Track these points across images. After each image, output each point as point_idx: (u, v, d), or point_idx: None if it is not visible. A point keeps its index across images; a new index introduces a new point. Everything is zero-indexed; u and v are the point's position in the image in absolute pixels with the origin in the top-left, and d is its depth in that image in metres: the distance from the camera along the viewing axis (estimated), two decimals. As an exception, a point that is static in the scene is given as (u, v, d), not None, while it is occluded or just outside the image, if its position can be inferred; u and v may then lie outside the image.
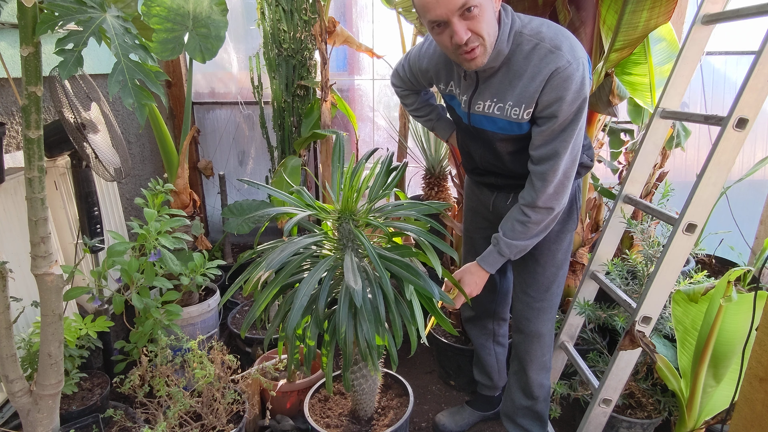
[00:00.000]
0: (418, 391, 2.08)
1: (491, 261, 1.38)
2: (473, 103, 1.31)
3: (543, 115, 1.21)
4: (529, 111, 1.22)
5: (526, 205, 1.30)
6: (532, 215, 1.29)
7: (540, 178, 1.26)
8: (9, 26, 1.60)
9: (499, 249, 1.35)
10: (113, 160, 1.61)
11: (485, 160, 1.44)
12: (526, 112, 1.22)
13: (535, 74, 1.17)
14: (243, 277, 1.29)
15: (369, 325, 1.20)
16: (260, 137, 2.94)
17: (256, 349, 2.10)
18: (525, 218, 1.30)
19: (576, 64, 1.15)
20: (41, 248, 1.07)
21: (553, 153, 1.23)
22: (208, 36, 2.06)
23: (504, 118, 1.26)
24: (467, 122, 1.37)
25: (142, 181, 2.55)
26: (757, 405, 0.79)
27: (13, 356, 1.15)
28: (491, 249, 1.37)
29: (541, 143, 1.24)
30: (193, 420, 1.54)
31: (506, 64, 1.22)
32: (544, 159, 1.24)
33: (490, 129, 1.31)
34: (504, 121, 1.27)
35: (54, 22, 0.93)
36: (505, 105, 1.24)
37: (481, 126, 1.33)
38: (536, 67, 1.17)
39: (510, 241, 1.33)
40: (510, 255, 1.35)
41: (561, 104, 1.17)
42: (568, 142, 1.22)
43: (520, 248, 1.34)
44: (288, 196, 1.38)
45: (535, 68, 1.17)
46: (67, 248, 1.78)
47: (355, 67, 2.89)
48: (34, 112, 0.98)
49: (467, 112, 1.34)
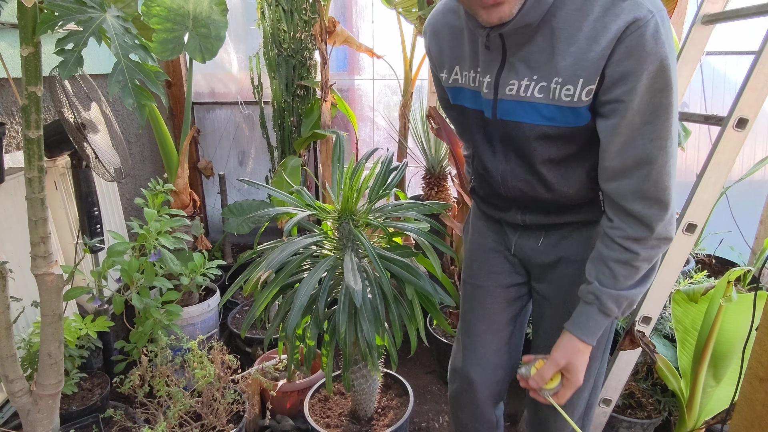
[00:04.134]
0: (418, 391, 2.08)
1: (592, 327, 0.94)
2: (502, 85, 0.90)
3: (613, 98, 0.81)
4: (591, 88, 0.82)
5: (630, 239, 0.88)
6: (641, 251, 0.88)
7: (638, 199, 0.86)
8: (9, 26, 1.60)
9: (601, 306, 0.92)
10: (113, 160, 1.61)
11: (513, 179, 1.00)
12: (586, 90, 0.82)
13: (597, 33, 0.79)
14: (243, 277, 1.29)
15: (369, 325, 1.19)
16: (260, 137, 2.94)
17: (256, 349, 2.10)
18: (631, 255, 0.89)
19: (660, 16, 0.77)
20: (41, 248, 1.07)
21: (643, 158, 0.83)
22: (208, 36, 2.06)
23: (551, 102, 0.86)
24: (491, 116, 0.94)
25: (142, 181, 2.55)
26: (757, 405, 0.79)
27: (13, 356, 1.15)
28: (587, 310, 0.94)
29: (619, 146, 0.84)
30: (193, 420, 1.54)
31: (549, 22, 0.82)
32: (629, 170, 0.85)
33: (530, 121, 0.89)
34: (552, 107, 0.86)
35: (54, 22, 0.92)
36: (551, 82, 0.84)
37: (515, 118, 0.91)
38: (599, 21, 0.79)
39: (616, 292, 0.90)
40: (618, 313, 0.93)
41: (641, 77, 0.78)
42: (663, 137, 0.81)
43: (630, 300, 0.92)
44: (288, 196, 1.38)
45: (598, 23, 0.79)
46: (67, 248, 1.78)
47: (355, 67, 2.89)
48: (34, 112, 0.98)
49: (492, 100, 0.92)
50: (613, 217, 0.90)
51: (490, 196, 1.11)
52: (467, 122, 1.02)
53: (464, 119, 1.03)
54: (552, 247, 1.07)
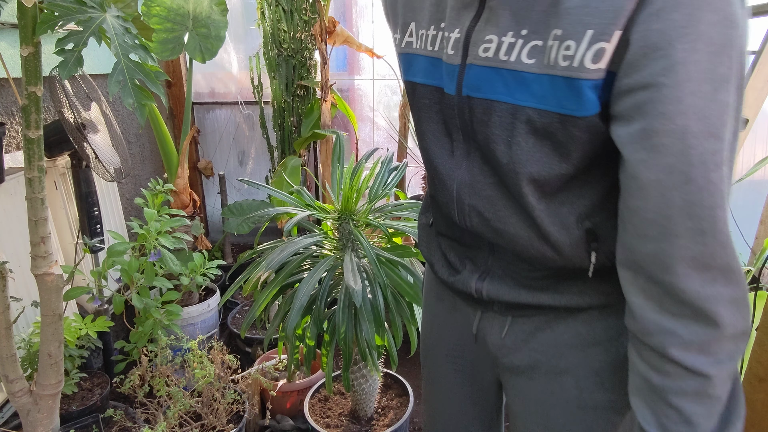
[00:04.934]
0: (418, 391, 2.07)
1: None
2: (474, 42, 0.56)
3: (643, 81, 0.45)
4: (602, 48, 0.46)
5: (692, 348, 0.50)
6: (714, 369, 0.50)
7: (693, 270, 0.48)
8: (9, 26, 1.60)
9: None
10: (113, 160, 1.61)
11: (471, 195, 0.63)
12: (594, 50, 0.47)
13: None
14: (243, 277, 1.29)
15: (369, 325, 1.19)
16: (260, 137, 2.94)
17: (256, 349, 2.10)
18: (701, 381, 0.50)
19: None
20: (41, 248, 1.07)
21: (703, 195, 0.46)
22: (208, 36, 2.06)
23: (544, 70, 0.51)
24: (454, 91, 0.60)
25: (142, 181, 2.55)
26: (757, 405, 0.79)
27: (13, 356, 1.15)
28: None
29: (658, 174, 0.47)
30: (193, 420, 1.54)
31: None
32: (676, 219, 0.47)
33: (509, 100, 0.54)
34: (544, 79, 0.51)
35: (54, 22, 0.92)
36: (548, 38, 0.50)
37: (488, 94, 0.56)
38: None
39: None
40: None
41: (696, 47, 0.43)
42: (725, 160, 0.46)
43: None
44: (288, 196, 1.38)
45: None
46: (67, 248, 1.78)
47: (355, 67, 2.89)
48: (34, 112, 0.98)
49: (459, 66, 0.58)
50: (649, 309, 0.51)
51: (441, 230, 0.75)
52: (417, 109, 0.67)
53: (414, 104, 0.67)
54: (522, 342, 0.69)
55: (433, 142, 0.66)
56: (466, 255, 0.71)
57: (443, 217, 0.73)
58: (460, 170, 0.64)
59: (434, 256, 0.77)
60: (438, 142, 0.66)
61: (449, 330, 0.82)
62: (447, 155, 0.65)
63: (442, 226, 0.75)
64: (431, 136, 0.66)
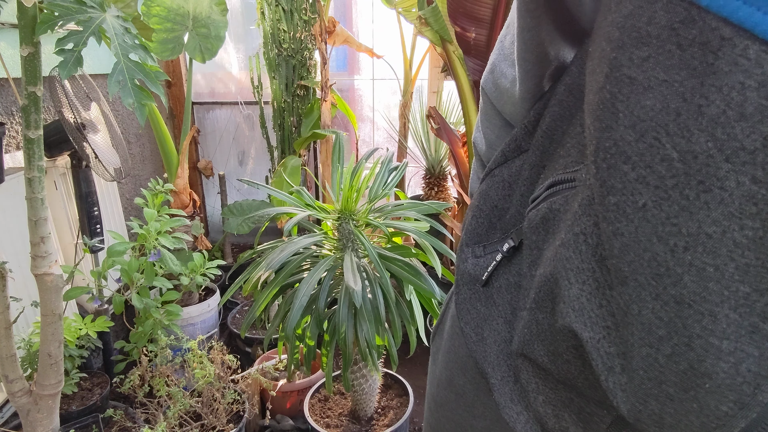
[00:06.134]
0: (418, 391, 2.08)
1: None
2: None
3: None
4: None
5: None
6: None
7: None
8: (9, 26, 1.60)
9: None
10: (113, 160, 1.61)
11: None
12: None
13: None
14: (243, 277, 1.29)
15: (369, 325, 1.20)
16: (260, 137, 2.94)
17: (256, 349, 2.10)
18: None
19: None
20: (41, 248, 1.07)
21: None
22: (208, 36, 2.06)
23: None
24: None
25: (142, 181, 2.55)
26: (757, 405, 0.79)
27: (13, 356, 1.15)
28: None
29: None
30: (193, 420, 1.54)
31: None
32: None
33: None
34: None
35: (54, 22, 0.92)
36: None
37: None
38: None
39: None
40: None
41: None
42: None
43: None
44: (288, 196, 1.38)
45: None
46: (67, 248, 1.78)
47: (355, 67, 2.89)
48: (34, 112, 0.98)
49: None
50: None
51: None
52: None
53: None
54: None
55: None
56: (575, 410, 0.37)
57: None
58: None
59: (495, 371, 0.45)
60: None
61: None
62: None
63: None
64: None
